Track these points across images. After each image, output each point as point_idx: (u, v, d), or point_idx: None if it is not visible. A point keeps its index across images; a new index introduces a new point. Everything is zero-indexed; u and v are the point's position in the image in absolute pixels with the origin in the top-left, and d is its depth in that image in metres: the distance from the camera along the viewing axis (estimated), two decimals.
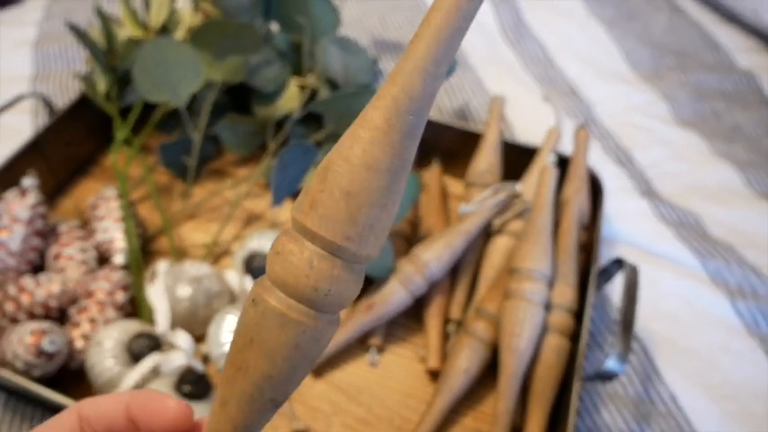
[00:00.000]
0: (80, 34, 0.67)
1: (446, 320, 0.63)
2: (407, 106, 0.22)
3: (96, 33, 0.72)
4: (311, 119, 0.72)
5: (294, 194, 0.66)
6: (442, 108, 0.87)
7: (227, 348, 0.56)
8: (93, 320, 0.57)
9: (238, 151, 0.73)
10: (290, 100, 0.72)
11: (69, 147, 0.73)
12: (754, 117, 0.87)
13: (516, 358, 0.54)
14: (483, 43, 0.98)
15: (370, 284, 0.61)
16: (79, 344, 0.56)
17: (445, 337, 0.63)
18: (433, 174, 0.75)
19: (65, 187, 0.75)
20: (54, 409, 0.54)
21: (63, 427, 0.26)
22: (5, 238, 0.59)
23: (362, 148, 0.22)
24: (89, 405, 0.26)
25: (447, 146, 0.75)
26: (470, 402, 0.59)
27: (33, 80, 0.87)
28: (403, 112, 0.22)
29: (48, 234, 0.63)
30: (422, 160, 0.77)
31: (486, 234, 0.66)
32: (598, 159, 0.80)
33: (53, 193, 0.73)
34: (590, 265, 0.60)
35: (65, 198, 0.74)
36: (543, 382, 0.55)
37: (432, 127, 0.74)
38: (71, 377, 0.57)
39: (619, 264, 0.58)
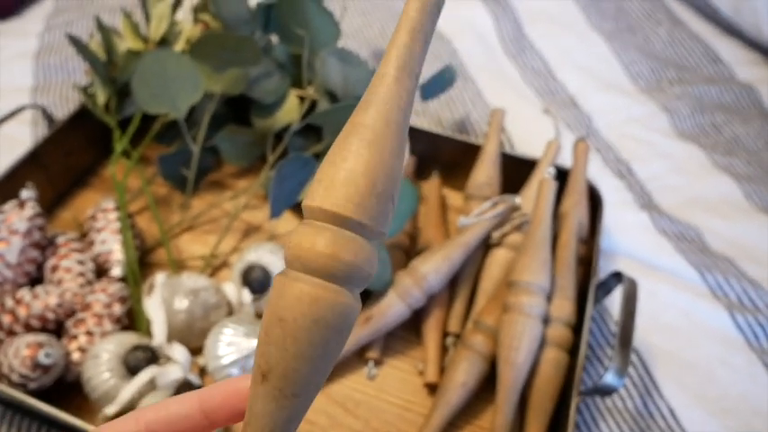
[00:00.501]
0: (80, 46, 0.67)
1: (444, 333, 0.63)
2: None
3: (96, 45, 0.72)
4: (310, 131, 0.72)
5: (293, 207, 0.65)
6: (443, 120, 0.87)
7: (224, 361, 0.56)
8: (90, 333, 0.57)
9: (237, 163, 0.73)
10: (290, 112, 0.72)
11: (69, 158, 0.74)
12: (755, 130, 0.87)
13: (514, 372, 0.54)
14: (483, 55, 0.98)
15: (368, 297, 0.61)
16: (76, 356, 0.56)
17: (443, 350, 0.62)
18: (432, 186, 0.75)
19: (64, 198, 0.75)
20: (50, 422, 0.54)
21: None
22: (3, 250, 0.59)
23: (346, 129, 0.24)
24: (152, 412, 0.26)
25: (446, 158, 0.75)
26: (468, 416, 0.58)
27: (34, 91, 0.88)
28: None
29: (45, 246, 0.63)
30: (421, 172, 0.77)
31: (485, 247, 0.66)
32: (598, 172, 0.80)
33: (52, 204, 0.73)
34: (589, 278, 0.60)
35: (64, 209, 0.74)
36: (541, 396, 0.55)
37: (431, 139, 0.74)
38: (68, 390, 0.57)
39: (617, 277, 0.58)
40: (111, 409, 0.53)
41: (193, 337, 0.59)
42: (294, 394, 0.23)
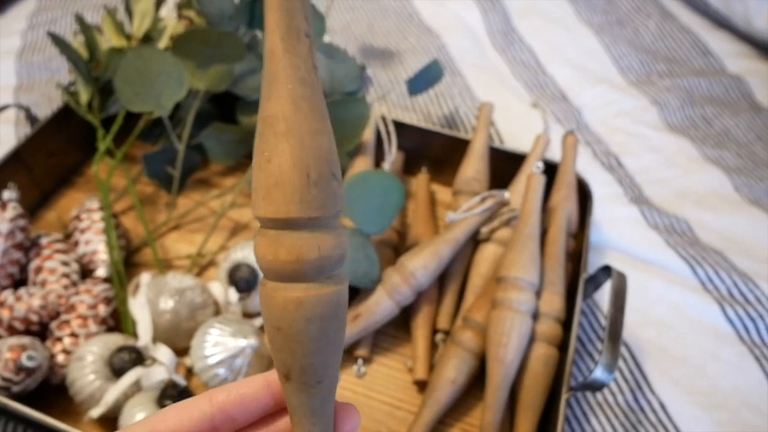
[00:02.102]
0: (61, 44, 0.66)
1: (433, 330, 0.62)
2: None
3: (79, 44, 0.71)
4: None
5: None
6: (431, 115, 0.87)
7: (210, 361, 0.55)
8: (74, 335, 0.56)
9: (223, 161, 0.72)
10: None
11: (52, 158, 0.73)
12: (745, 122, 0.87)
13: (503, 368, 0.53)
14: (472, 50, 0.98)
15: (356, 295, 0.60)
16: (60, 359, 0.56)
17: (433, 347, 0.62)
18: (420, 181, 0.74)
19: (48, 199, 0.74)
20: (35, 425, 0.53)
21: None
22: None
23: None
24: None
25: (435, 153, 0.74)
26: (458, 413, 0.58)
27: (17, 90, 0.87)
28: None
29: (29, 247, 0.62)
30: (410, 168, 0.76)
31: (474, 242, 0.65)
32: (587, 165, 0.80)
33: (36, 204, 0.73)
34: (578, 272, 0.60)
35: (48, 209, 0.73)
36: (531, 392, 0.54)
37: (420, 134, 0.73)
38: (53, 393, 0.56)
39: (607, 271, 0.58)
40: (96, 412, 0.52)
41: (180, 337, 0.58)
42: (318, 381, 0.24)
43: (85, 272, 0.64)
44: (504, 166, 0.70)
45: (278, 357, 0.24)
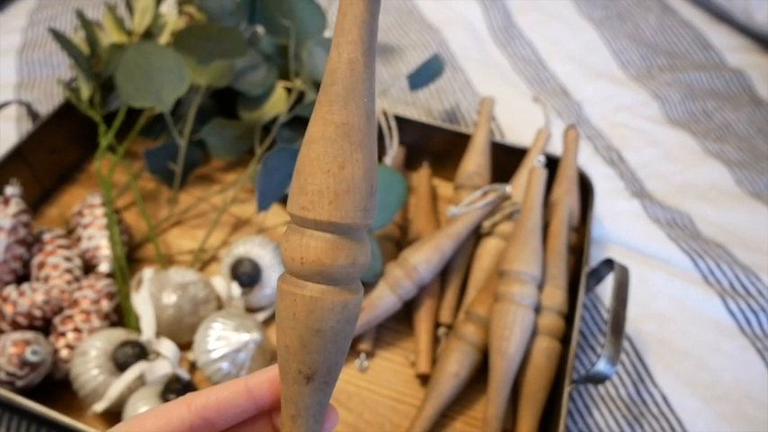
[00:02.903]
0: (62, 40, 0.66)
1: (436, 324, 0.62)
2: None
3: (80, 40, 0.71)
4: (298, 122, 0.72)
5: (281, 199, 0.65)
6: (432, 110, 0.87)
7: (214, 356, 0.55)
8: (77, 330, 0.56)
9: (225, 156, 0.72)
10: (277, 103, 0.71)
11: (54, 154, 0.73)
12: (746, 116, 0.87)
13: (506, 362, 0.53)
14: (473, 45, 0.98)
15: None
16: (64, 354, 0.56)
17: (435, 341, 0.62)
18: (422, 176, 0.74)
19: (50, 195, 0.74)
20: (39, 420, 0.54)
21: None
22: None
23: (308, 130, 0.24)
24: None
25: (436, 148, 0.74)
26: (460, 407, 0.58)
27: (18, 87, 0.87)
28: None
29: (31, 243, 0.62)
30: (411, 163, 0.76)
31: (476, 236, 0.65)
32: (588, 160, 0.80)
33: (38, 200, 0.73)
34: (580, 266, 0.60)
35: (50, 206, 0.73)
36: (533, 386, 0.54)
37: (421, 129, 0.73)
38: (57, 387, 0.57)
39: (609, 264, 0.58)
40: (99, 406, 0.52)
41: (183, 332, 0.58)
42: (334, 381, 0.26)
43: (88, 267, 0.64)
44: (506, 160, 0.70)
45: (305, 359, 0.24)
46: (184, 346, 0.59)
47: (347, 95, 0.23)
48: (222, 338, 0.55)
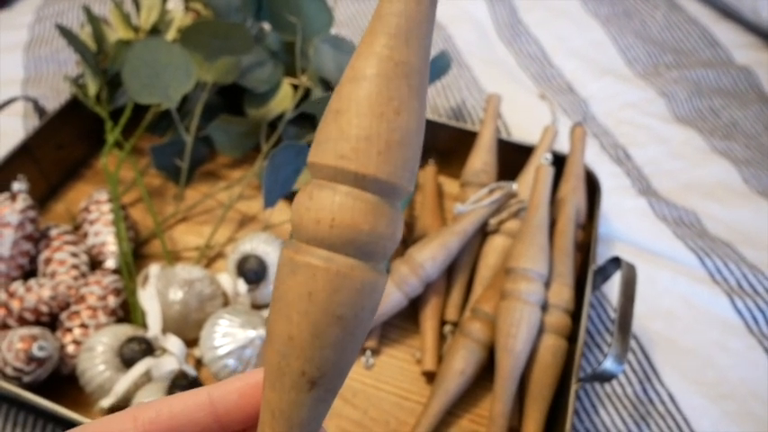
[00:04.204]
0: (69, 36, 0.66)
1: (442, 322, 0.62)
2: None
3: (87, 36, 0.71)
4: (305, 119, 0.72)
5: (287, 196, 0.65)
6: (438, 107, 0.86)
7: (220, 352, 0.55)
8: (84, 325, 0.57)
9: (231, 153, 0.72)
10: (283, 100, 0.71)
11: (61, 150, 0.73)
12: (753, 114, 0.86)
13: (512, 359, 0.53)
14: (479, 42, 0.97)
15: None
16: (71, 349, 0.56)
17: (441, 338, 0.62)
18: (428, 173, 0.74)
19: (57, 191, 0.74)
20: (46, 415, 0.54)
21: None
22: None
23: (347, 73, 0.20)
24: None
25: (442, 145, 0.74)
26: (466, 404, 0.58)
27: (25, 83, 0.87)
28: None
29: (38, 239, 0.63)
30: None
31: (482, 234, 0.65)
32: (595, 157, 0.80)
33: (45, 197, 0.73)
34: (587, 264, 0.59)
35: (57, 202, 0.73)
36: (540, 384, 0.54)
37: (427, 126, 0.73)
38: (63, 383, 0.57)
39: (616, 262, 0.57)
40: (106, 402, 0.52)
41: (189, 328, 0.59)
42: (338, 390, 0.21)
43: (95, 263, 0.64)
44: (512, 157, 0.70)
45: (315, 356, 0.20)
46: (191, 342, 0.59)
47: (410, 31, 0.19)
48: (228, 335, 0.55)
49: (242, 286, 0.60)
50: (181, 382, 0.52)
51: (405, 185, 0.20)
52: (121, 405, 0.53)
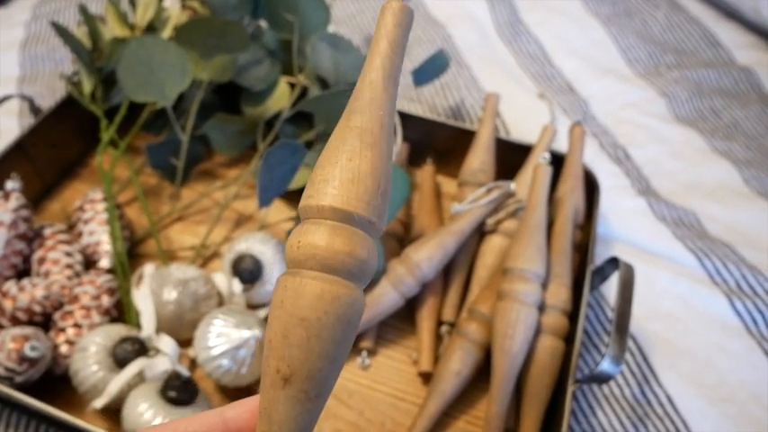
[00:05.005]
0: (64, 34, 0.65)
1: (438, 322, 0.62)
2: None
3: (83, 34, 0.71)
4: (301, 118, 0.71)
5: (283, 195, 0.64)
6: (437, 106, 0.86)
7: (214, 352, 0.54)
8: (77, 325, 0.56)
9: (227, 152, 0.72)
10: (280, 99, 0.71)
11: (55, 148, 0.72)
12: (754, 114, 0.86)
13: (509, 360, 0.53)
14: (478, 41, 0.97)
15: None
16: (64, 349, 0.55)
17: (438, 339, 0.61)
18: (425, 173, 0.74)
19: (52, 190, 0.74)
20: (38, 416, 0.53)
21: None
22: None
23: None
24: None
25: (440, 144, 0.74)
26: (463, 405, 0.57)
27: (20, 81, 0.86)
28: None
29: (32, 238, 0.62)
30: (415, 159, 0.75)
31: (480, 234, 0.65)
32: (594, 157, 0.79)
33: (40, 195, 0.72)
34: (585, 264, 0.59)
35: (52, 201, 0.73)
36: (537, 385, 0.54)
37: (425, 125, 0.73)
38: (56, 383, 0.56)
39: (614, 263, 0.57)
40: (99, 402, 0.52)
41: (183, 328, 0.58)
42: (317, 395, 0.23)
43: (89, 263, 0.64)
44: (511, 157, 0.69)
45: (284, 355, 0.22)
46: (185, 342, 0.59)
47: (365, 107, 0.25)
48: (223, 335, 0.55)
49: (237, 286, 0.59)
50: (174, 383, 0.51)
51: (361, 213, 0.23)
52: (114, 406, 0.53)
